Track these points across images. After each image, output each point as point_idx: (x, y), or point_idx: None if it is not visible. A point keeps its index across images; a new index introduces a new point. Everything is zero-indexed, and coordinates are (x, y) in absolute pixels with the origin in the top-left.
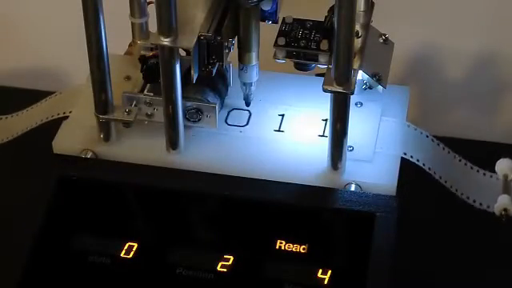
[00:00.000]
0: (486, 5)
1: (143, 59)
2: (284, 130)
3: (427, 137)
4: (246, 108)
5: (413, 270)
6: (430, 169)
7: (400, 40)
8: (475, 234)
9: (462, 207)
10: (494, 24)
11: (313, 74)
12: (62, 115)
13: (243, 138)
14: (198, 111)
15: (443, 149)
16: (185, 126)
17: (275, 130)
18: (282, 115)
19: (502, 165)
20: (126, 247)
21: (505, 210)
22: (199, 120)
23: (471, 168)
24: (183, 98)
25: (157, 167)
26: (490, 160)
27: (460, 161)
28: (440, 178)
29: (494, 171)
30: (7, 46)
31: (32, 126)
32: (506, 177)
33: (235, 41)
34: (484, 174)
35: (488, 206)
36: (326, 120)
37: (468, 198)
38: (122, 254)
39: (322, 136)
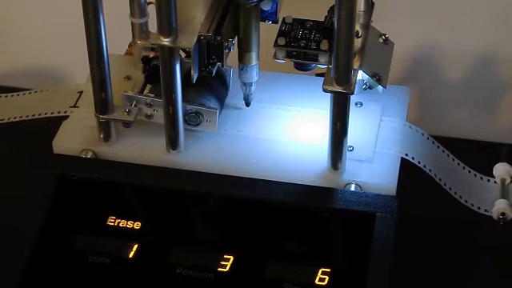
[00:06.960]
0: (485, 5)
1: (146, 60)
2: (284, 130)
3: (428, 139)
4: (246, 108)
5: (413, 270)
6: (430, 170)
7: (400, 40)
8: (475, 234)
9: (461, 209)
10: (494, 24)
11: (313, 74)
12: (61, 114)
13: (243, 138)
14: (198, 115)
15: (443, 151)
16: (184, 129)
17: (275, 130)
18: (282, 115)
19: (500, 169)
20: (126, 247)
21: (502, 214)
22: (199, 124)
23: (469, 172)
24: (183, 101)
25: (157, 167)
26: (489, 160)
27: (459, 164)
28: (440, 180)
29: (492, 173)
30: (7, 46)
31: (28, 116)
32: (503, 181)
33: (235, 41)
34: (481, 178)
35: (486, 210)
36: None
37: (466, 201)
38: (122, 254)
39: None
